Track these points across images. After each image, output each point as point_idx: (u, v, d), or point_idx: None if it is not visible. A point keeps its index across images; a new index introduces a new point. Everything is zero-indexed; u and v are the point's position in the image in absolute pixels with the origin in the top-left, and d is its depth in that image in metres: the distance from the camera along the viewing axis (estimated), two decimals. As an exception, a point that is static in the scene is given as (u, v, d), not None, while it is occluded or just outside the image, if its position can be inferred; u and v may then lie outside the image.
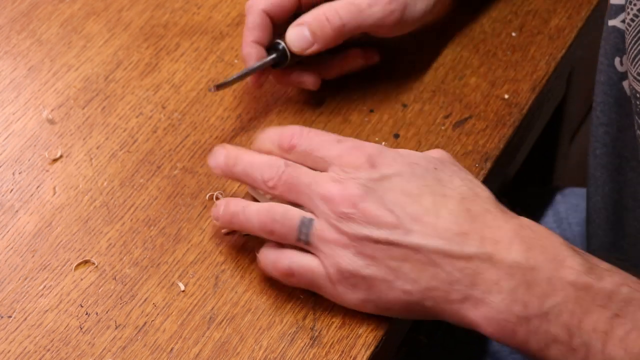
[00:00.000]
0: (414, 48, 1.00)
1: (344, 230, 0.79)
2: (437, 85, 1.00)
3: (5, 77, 0.99)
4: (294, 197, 0.81)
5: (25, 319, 0.82)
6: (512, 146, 0.98)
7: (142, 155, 0.93)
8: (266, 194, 0.85)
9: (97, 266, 0.86)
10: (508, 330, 0.77)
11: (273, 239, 0.82)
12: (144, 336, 0.82)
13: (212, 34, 1.03)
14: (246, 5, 0.94)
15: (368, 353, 0.82)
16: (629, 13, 0.88)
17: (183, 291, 0.85)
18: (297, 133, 0.84)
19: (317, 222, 0.80)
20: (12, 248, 0.87)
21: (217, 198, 0.90)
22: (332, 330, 0.82)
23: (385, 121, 0.97)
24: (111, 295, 0.84)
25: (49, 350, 0.81)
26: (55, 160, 0.93)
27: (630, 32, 0.89)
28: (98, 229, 0.88)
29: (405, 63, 0.99)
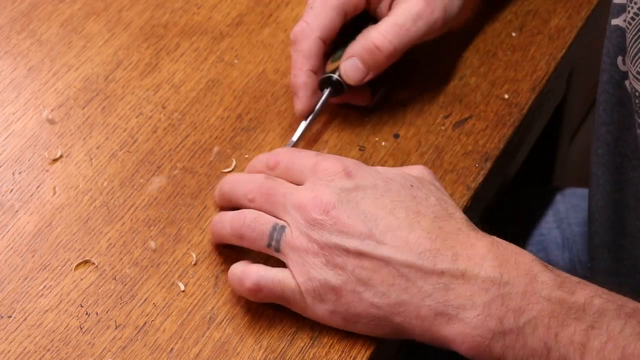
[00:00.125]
0: (414, 49, 1.00)
1: (315, 237, 0.79)
2: (437, 85, 1.00)
3: (5, 77, 0.99)
4: (271, 208, 0.82)
5: (25, 319, 0.82)
6: (512, 146, 0.98)
7: (142, 155, 0.93)
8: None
9: (97, 266, 0.86)
10: (483, 347, 0.76)
11: (243, 245, 0.82)
12: (144, 336, 0.82)
13: (212, 34, 1.03)
14: (297, 31, 0.92)
15: (368, 353, 0.81)
16: (629, 12, 0.89)
17: (183, 291, 0.85)
18: (281, 151, 0.86)
19: (288, 229, 0.80)
20: (12, 248, 0.87)
21: None
22: (332, 330, 0.82)
23: (386, 121, 0.97)
24: (111, 295, 0.84)
25: (49, 350, 0.81)
26: (55, 160, 0.93)
27: (631, 31, 0.89)
28: (98, 229, 0.88)
29: (406, 63, 0.99)
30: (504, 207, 1.24)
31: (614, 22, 0.95)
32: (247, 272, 0.81)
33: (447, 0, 0.94)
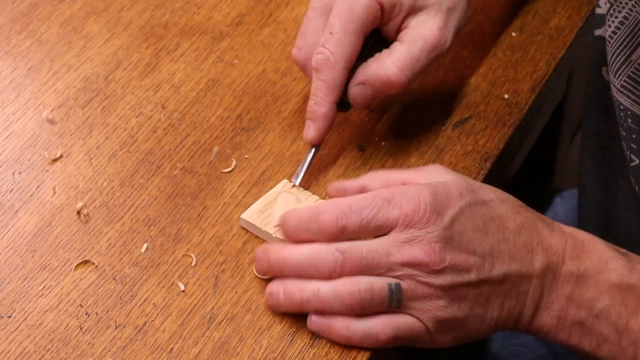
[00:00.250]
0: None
1: (436, 284, 0.79)
2: (437, 85, 1.00)
3: (5, 77, 0.99)
4: (368, 274, 0.80)
5: (25, 319, 0.82)
6: (512, 146, 0.98)
7: (142, 155, 0.93)
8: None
9: (97, 266, 0.86)
10: (566, 334, 0.81)
11: (362, 314, 0.80)
12: (144, 336, 0.82)
13: (212, 34, 1.03)
14: (321, 60, 0.89)
15: (368, 353, 0.81)
16: (610, 26, 0.89)
17: (183, 291, 0.85)
18: (338, 213, 0.80)
19: (405, 284, 0.79)
20: (12, 248, 0.86)
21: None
22: (332, 330, 0.82)
23: (386, 121, 0.97)
24: (111, 295, 0.84)
25: (49, 350, 0.81)
26: (55, 160, 0.93)
27: (613, 45, 0.89)
28: (98, 229, 0.88)
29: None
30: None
31: (597, 32, 0.95)
32: (378, 327, 0.80)
33: (457, 20, 0.93)
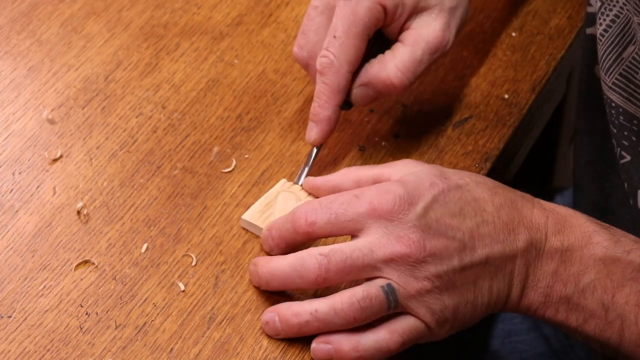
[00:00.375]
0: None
1: (422, 275, 0.79)
2: (437, 85, 1.00)
3: (5, 77, 0.99)
4: (353, 277, 0.80)
5: (25, 319, 0.82)
6: (512, 146, 0.98)
7: (142, 155, 0.93)
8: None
9: (97, 266, 0.86)
10: (553, 310, 0.82)
11: (362, 324, 0.80)
12: (144, 336, 0.82)
13: (212, 34, 1.03)
14: (325, 64, 0.89)
15: (368, 353, 0.81)
16: (601, 24, 0.89)
17: (183, 291, 0.85)
18: (308, 210, 0.81)
19: (395, 283, 0.79)
20: (12, 248, 0.86)
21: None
22: (332, 330, 0.82)
23: (386, 121, 0.97)
24: (111, 295, 0.84)
25: (49, 350, 0.81)
26: (55, 160, 0.93)
27: (604, 43, 0.89)
28: (98, 229, 0.88)
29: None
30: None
31: (589, 31, 0.95)
32: (385, 338, 0.80)
33: (459, 20, 0.92)
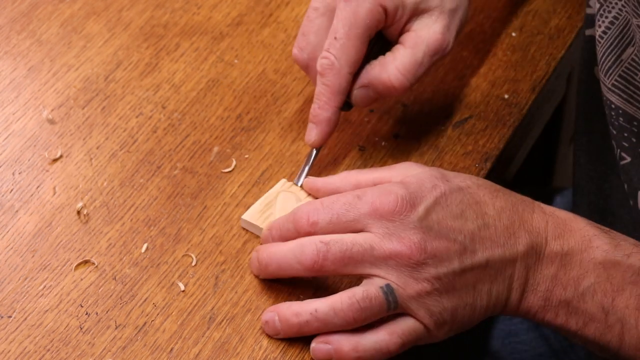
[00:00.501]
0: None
1: (422, 277, 0.79)
2: (437, 85, 1.00)
3: (5, 77, 0.99)
4: (350, 270, 0.80)
5: (25, 319, 0.82)
6: (512, 146, 0.98)
7: (142, 155, 0.93)
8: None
9: (97, 266, 0.86)
10: (552, 314, 0.82)
11: (362, 325, 0.80)
12: (144, 336, 0.82)
13: (212, 34, 1.03)
14: (326, 65, 0.89)
15: (368, 353, 0.81)
16: (600, 26, 0.89)
17: (183, 291, 0.85)
18: (310, 210, 0.81)
19: (394, 283, 0.79)
20: (12, 248, 0.86)
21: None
22: (332, 330, 0.82)
23: (386, 121, 0.97)
24: (111, 295, 0.84)
25: (49, 350, 0.81)
26: (55, 160, 0.93)
27: (603, 44, 0.89)
28: (98, 229, 0.88)
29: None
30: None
31: (588, 32, 0.95)
32: (384, 339, 0.80)
33: (459, 22, 0.92)
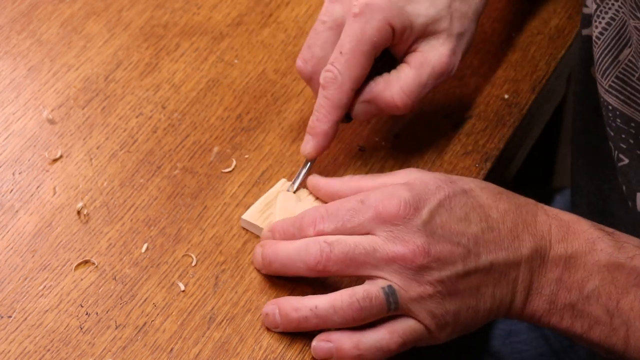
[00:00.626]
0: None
1: (425, 280, 0.79)
2: (437, 85, 1.00)
3: (5, 77, 0.99)
4: (353, 271, 0.80)
5: (25, 319, 0.82)
6: (512, 146, 0.98)
7: (142, 155, 0.93)
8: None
9: (97, 266, 0.86)
10: (557, 317, 0.81)
11: (360, 324, 0.80)
12: (144, 336, 0.82)
13: (212, 34, 1.03)
14: (329, 79, 0.88)
15: (368, 353, 0.81)
16: (597, 27, 0.89)
17: (183, 291, 0.85)
18: (316, 218, 0.82)
19: (396, 285, 0.79)
20: (12, 248, 0.86)
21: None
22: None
23: (386, 121, 0.97)
24: (111, 295, 0.84)
25: (49, 350, 0.81)
26: (55, 160, 0.93)
27: (600, 45, 0.89)
28: (98, 229, 0.88)
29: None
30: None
31: (585, 32, 0.95)
32: (385, 338, 0.80)
33: (465, 45, 0.92)
